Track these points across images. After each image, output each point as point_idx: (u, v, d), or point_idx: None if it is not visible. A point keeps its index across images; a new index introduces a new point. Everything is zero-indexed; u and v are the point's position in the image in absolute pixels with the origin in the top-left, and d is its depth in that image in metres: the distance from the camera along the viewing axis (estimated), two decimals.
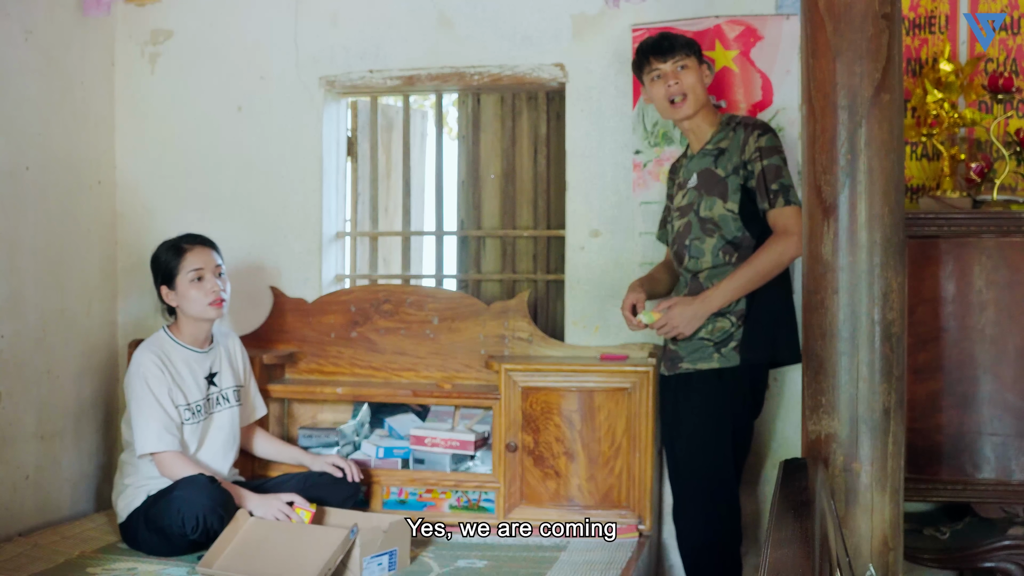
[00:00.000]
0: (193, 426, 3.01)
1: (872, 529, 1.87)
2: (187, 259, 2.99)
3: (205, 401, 3.06)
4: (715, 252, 2.87)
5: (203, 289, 2.98)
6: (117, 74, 3.72)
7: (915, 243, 2.74)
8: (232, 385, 3.15)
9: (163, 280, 3.03)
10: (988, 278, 2.75)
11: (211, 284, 2.99)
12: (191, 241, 3.05)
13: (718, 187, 2.88)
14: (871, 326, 1.87)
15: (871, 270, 1.87)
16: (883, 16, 1.86)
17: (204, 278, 2.99)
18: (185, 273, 2.98)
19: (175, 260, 3.00)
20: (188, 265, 2.98)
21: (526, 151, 3.88)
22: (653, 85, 2.94)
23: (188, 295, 2.98)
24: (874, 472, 1.87)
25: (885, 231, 1.87)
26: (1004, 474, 2.74)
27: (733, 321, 2.84)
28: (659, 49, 2.91)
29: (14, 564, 2.78)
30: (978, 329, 2.75)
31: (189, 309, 3.01)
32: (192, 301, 2.99)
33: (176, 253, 3.01)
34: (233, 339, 3.25)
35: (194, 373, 3.04)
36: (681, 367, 2.90)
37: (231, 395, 3.13)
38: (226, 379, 3.14)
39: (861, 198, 1.87)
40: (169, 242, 3.07)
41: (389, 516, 2.93)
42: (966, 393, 2.76)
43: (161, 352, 3.01)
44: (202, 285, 2.98)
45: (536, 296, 3.81)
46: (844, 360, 1.88)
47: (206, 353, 3.09)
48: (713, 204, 2.87)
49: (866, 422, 1.87)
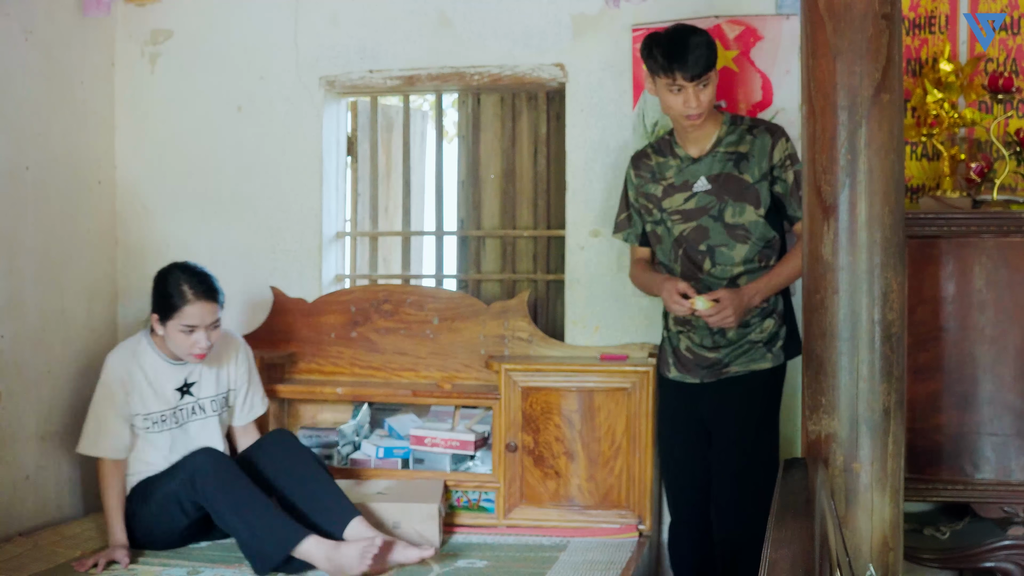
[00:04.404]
0: (158, 434, 3.05)
1: (872, 529, 1.87)
2: (186, 311, 2.94)
3: (173, 412, 3.07)
4: (748, 257, 2.87)
5: (190, 340, 2.96)
6: (117, 74, 3.72)
7: (915, 243, 2.73)
8: (212, 394, 3.13)
9: (157, 310, 3.00)
10: (988, 278, 2.75)
11: (200, 339, 2.96)
12: (198, 293, 2.96)
13: (748, 194, 2.85)
14: (871, 326, 1.87)
15: (871, 270, 1.87)
16: (883, 16, 1.86)
17: (195, 332, 2.96)
18: (179, 323, 2.95)
19: (176, 303, 2.95)
20: (185, 318, 2.94)
21: (526, 151, 3.88)
22: (669, 93, 2.80)
23: (174, 339, 2.98)
24: (874, 472, 1.86)
25: (885, 231, 1.87)
26: (1004, 474, 2.74)
27: (776, 321, 2.91)
28: (685, 65, 2.72)
29: (14, 564, 2.78)
30: (978, 329, 2.75)
31: (171, 347, 3.02)
32: (177, 346, 2.99)
33: (179, 298, 2.95)
34: (233, 343, 3.21)
35: (160, 384, 3.05)
36: (729, 371, 2.90)
37: (208, 405, 3.12)
38: (206, 388, 3.12)
39: (861, 198, 1.87)
40: (177, 277, 2.98)
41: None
42: (966, 393, 2.76)
43: (132, 358, 3.04)
44: (190, 337, 2.96)
45: (536, 296, 3.81)
46: (844, 360, 1.88)
47: (182, 365, 3.08)
48: (743, 210, 2.85)
49: (866, 422, 1.87)
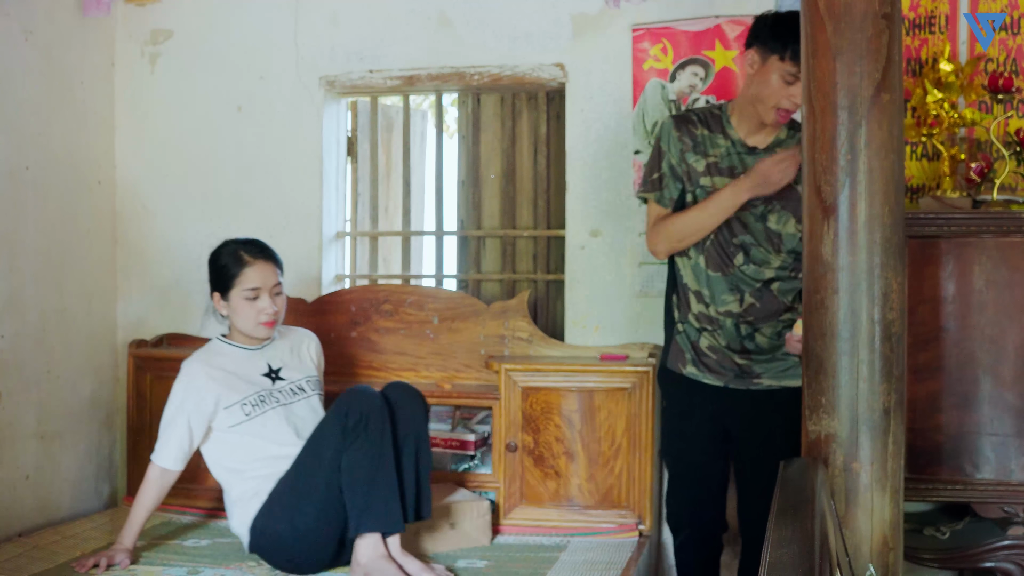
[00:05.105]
0: (263, 415, 2.82)
1: (872, 529, 1.87)
2: (246, 274, 2.82)
3: (270, 393, 2.87)
4: (782, 266, 2.75)
5: (256, 307, 2.83)
6: (117, 74, 3.72)
7: (915, 243, 2.73)
8: (302, 377, 2.96)
9: (217, 287, 2.87)
10: (988, 278, 2.75)
11: (265, 304, 2.83)
12: (254, 253, 2.86)
13: (796, 206, 2.64)
14: (871, 326, 1.87)
15: (871, 270, 1.87)
16: (883, 16, 1.85)
17: (259, 298, 2.83)
18: (241, 289, 2.82)
19: (234, 271, 2.83)
20: (246, 281, 2.82)
21: (526, 151, 3.88)
22: (780, 80, 2.59)
23: (240, 311, 2.84)
24: (874, 472, 1.86)
25: (885, 231, 1.87)
26: (1004, 474, 2.74)
27: None
28: (798, 56, 2.38)
29: (14, 564, 2.78)
30: (978, 329, 2.75)
31: (239, 324, 2.88)
32: (243, 318, 2.85)
33: (237, 263, 2.84)
34: (307, 335, 3.09)
35: (245, 372, 2.88)
36: (762, 383, 2.78)
37: (305, 384, 2.95)
38: (294, 372, 2.96)
39: (861, 198, 1.87)
40: (231, 246, 2.89)
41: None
42: (966, 393, 2.76)
43: (209, 361, 2.87)
44: (255, 304, 2.83)
45: (536, 296, 3.81)
46: (844, 360, 1.88)
47: (259, 350, 2.93)
48: (787, 221, 2.71)
49: (866, 422, 1.86)
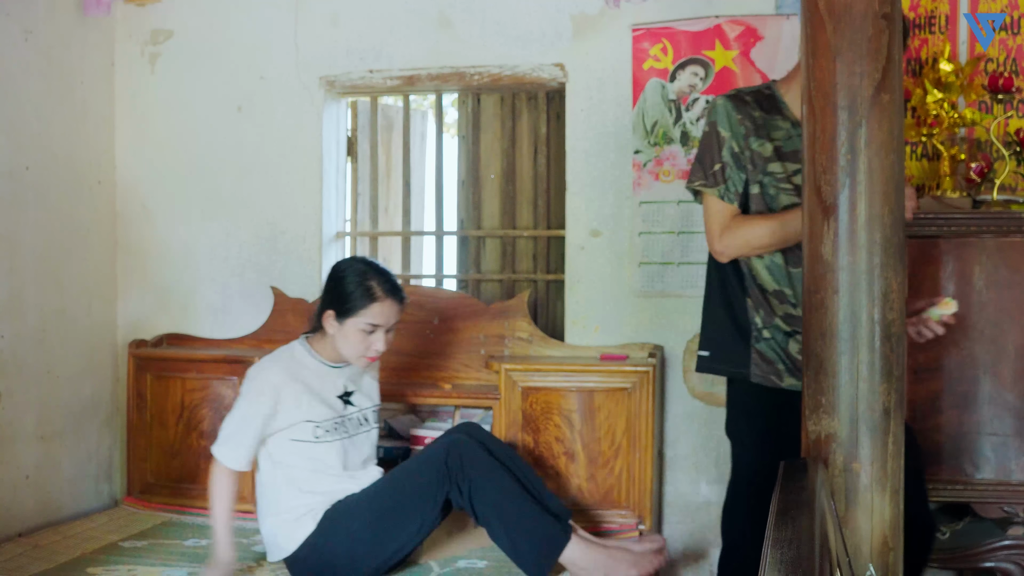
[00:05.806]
0: (329, 444, 2.73)
1: (872, 529, 1.86)
2: (373, 310, 2.70)
3: (342, 421, 2.78)
4: None
5: (367, 341, 2.72)
6: (117, 74, 3.72)
7: (915, 243, 2.74)
8: (370, 406, 2.90)
9: (335, 306, 2.72)
10: (988, 278, 2.75)
11: (378, 341, 2.73)
12: (387, 290, 2.73)
13: None
14: (871, 326, 1.87)
15: (871, 270, 1.87)
16: (883, 16, 1.85)
17: (375, 333, 2.72)
18: (362, 321, 2.70)
19: (361, 303, 2.69)
20: (370, 316, 2.70)
21: (526, 151, 3.88)
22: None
23: (349, 339, 2.72)
24: (874, 472, 1.86)
25: (885, 231, 1.87)
26: (1004, 474, 2.74)
27: None
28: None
29: (14, 564, 2.78)
30: (978, 329, 2.75)
31: (342, 349, 2.75)
32: (351, 347, 2.73)
33: (366, 296, 2.70)
34: (374, 364, 2.94)
35: (325, 390, 2.77)
36: None
37: (370, 416, 2.89)
38: (363, 399, 2.88)
39: (861, 198, 1.87)
40: (363, 271, 2.74)
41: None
42: (966, 393, 2.76)
43: (290, 369, 2.74)
44: (369, 337, 2.72)
45: (536, 296, 3.81)
46: (844, 360, 1.88)
47: (340, 369, 2.81)
48: None
49: (866, 422, 1.86)
